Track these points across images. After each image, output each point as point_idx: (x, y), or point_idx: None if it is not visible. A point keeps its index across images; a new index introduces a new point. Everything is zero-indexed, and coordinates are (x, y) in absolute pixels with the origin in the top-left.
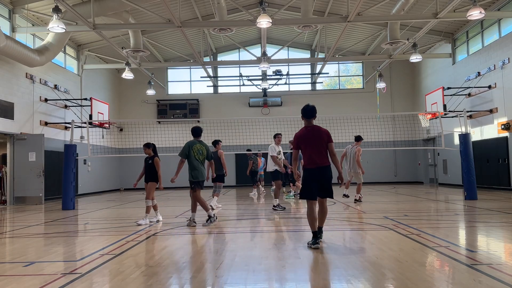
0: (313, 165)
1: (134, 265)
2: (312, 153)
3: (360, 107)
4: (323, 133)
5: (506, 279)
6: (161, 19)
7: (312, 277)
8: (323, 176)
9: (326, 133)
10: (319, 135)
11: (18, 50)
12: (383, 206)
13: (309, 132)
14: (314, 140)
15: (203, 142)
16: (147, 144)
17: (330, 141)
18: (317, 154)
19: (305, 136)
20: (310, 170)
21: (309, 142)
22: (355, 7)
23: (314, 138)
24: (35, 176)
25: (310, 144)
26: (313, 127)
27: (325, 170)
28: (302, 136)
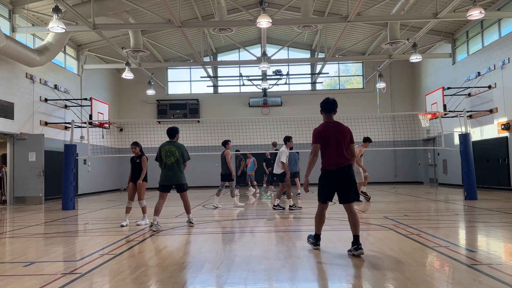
0: (333, 166)
1: (134, 265)
2: (332, 153)
3: (360, 107)
4: (345, 131)
5: (506, 279)
6: (161, 19)
7: (312, 277)
8: (345, 178)
9: (349, 131)
10: (341, 133)
11: (18, 50)
12: (383, 206)
13: (331, 128)
14: (335, 138)
15: (176, 143)
16: (136, 143)
17: (352, 142)
18: (338, 154)
19: (326, 132)
20: (330, 172)
21: (330, 139)
22: (355, 7)
23: (335, 136)
24: (35, 176)
25: (330, 142)
26: (335, 123)
27: (346, 171)
28: (322, 132)
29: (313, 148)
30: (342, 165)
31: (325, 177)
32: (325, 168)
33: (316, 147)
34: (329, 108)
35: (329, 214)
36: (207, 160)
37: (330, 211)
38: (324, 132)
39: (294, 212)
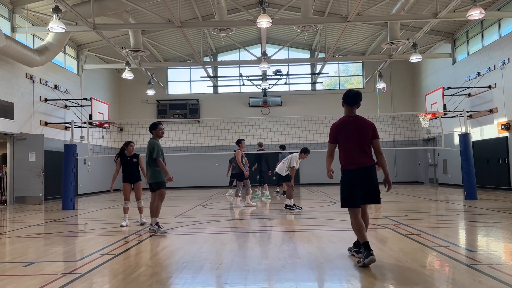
0: (354, 165)
1: (134, 265)
2: (353, 150)
3: (360, 107)
4: (368, 126)
5: (506, 279)
6: (161, 19)
7: (312, 277)
8: (367, 178)
9: (372, 126)
10: (363, 128)
11: (18, 50)
12: (383, 206)
13: (351, 123)
14: (356, 134)
15: (151, 140)
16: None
17: (377, 137)
18: (359, 152)
19: (346, 127)
20: (351, 172)
21: (351, 135)
22: (355, 7)
23: (357, 131)
24: (35, 176)
25: (351, 138)
26: (356, 118)
27: (369, 171)
28: (341, 127)
29: (328, 148)
30: (364, 164)
31: (346, 177)
32: (346, 167)
33: (332, 148)
34: (352, 100)
35: (329, 214)
36: (207, 160)
37: (330, 211)
38: (342, 127)
39: (294, 212)
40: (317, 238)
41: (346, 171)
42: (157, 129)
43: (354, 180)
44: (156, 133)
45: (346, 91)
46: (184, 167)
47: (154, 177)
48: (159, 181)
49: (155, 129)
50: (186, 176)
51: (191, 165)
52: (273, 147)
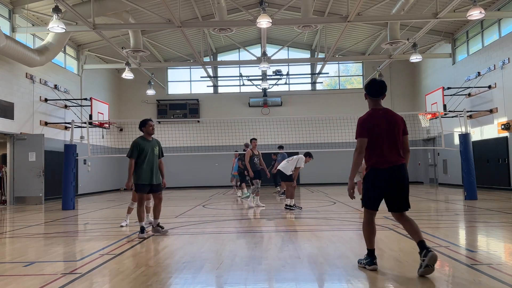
0: (385, 163)
1: (134, 265)
2: (383, 147)
3: (360, 107)
4: (399, 120)
5: (506, 279)
6: (161, 19)
7: (312, 277)
8: (399, 179)
9: (403, 120)
10: (394, 122)
11: (18, 50)
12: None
13: (381, 117)
14: (387, 129)
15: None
16: None
17: (406, 133)
18: (391, 149)
19: (375, 122)
20: (381, 172)
21: (381, 131)
22: (355, 7)
23: (387, 126)
24: (35, 176)
25: (382, 133)
26: (386, 111)
27: (401, 170)
28: (370, 121)
29: (359, 144)
30: (396, 163)
31: (374, 177)
32: (375, 166)
33: (363, 143)
34: (377, 91)
35: (329, 214)
36: (207, 160)
37: (330, 211)
38: (372, 122)
39: (294, 212)
40: (317, 238)
41: (375, 170)
42: (146, 125)
43: (384, 181)
44: (146, 130)
45: (369, 81)
46: (184, 167)
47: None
48: (134, 182)
49: (145, 125)
50: (186, 176)
51: (191, 165)
52: (273, 147)
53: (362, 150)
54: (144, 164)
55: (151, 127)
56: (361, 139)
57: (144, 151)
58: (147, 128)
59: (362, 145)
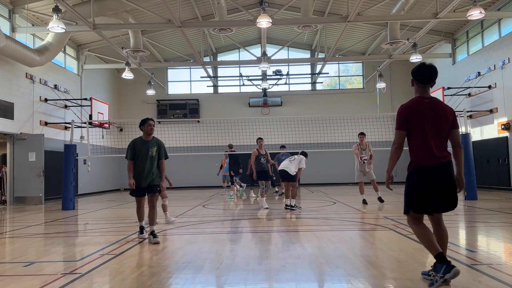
0: (430, 160)
1: (134, 265)
2: (429, 142)
3: (360, 107)
4: (447, 111)
5: (506, 279)
6: (161, 19)
7: (312, 277)
8: (447, 177)
9: (452, 112)
10: (442, 113)
11: (18, 50)
12: (383, 206)
13: (427, 106)
14: (433, 120)
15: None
16: None
17: (456, 126)
18: (437, 143)
19: (420, 111)
20: (426, 169)
21: (426, 122)
22: (355, 7)
23: (434, 117)
24: (35, 176)
25: (427, 126)
26: (434, 100)
27: (447, 168)
28: (413, 111)
29: (397, 136)
30: (443, 159)
31: (418, 176)
32: (419, 164)
33: (400, 136)
34: (426, 77)
35: (329, 214)
36: (207, 160)
37: (330, 211)
38: (415, 111)
39: (295, 212)
40: (317, 238)
41: (418, 168)
42: (145, 124)
43: (430, 180)
44: (145, 129)
45: (418, 66)
46: (184, 167)
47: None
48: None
49: (144, 125)
50: (186, 176)
51: (191, 165)
52: (273, 147)
53: (400, 144)
54: (136, 165)
55: (150, 126)
56: (400, 132)
57: (139, 153)
58: (146, 127)
59: (399, 138)
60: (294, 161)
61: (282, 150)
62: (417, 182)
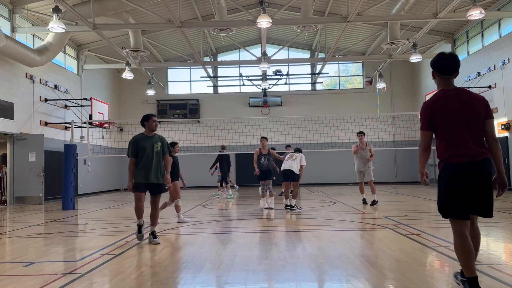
0: (463, 157)
1: (134, 265)
2: (460, 137)
3: (360, 107)
4: (478, 101)
5: (506, 279)
6: (161, 19)
7: (312, 277)
8: (482, 177)
9: (484, 101)
10: (472, 104)
11: (18, 50)
12: (383, 206)
13: (453, 99)
14: (463, 113)
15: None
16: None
17: (490, 116)
18: (469, 138)
19: (446, 106)
20: (459, 167)
21: (455, 116)
22: (355, 7)
23: (463, 110)
24: (35, 176)
25: (456, 120)
26: (460, 91)
27: (484, 166)
28: (439, 106)
29: (422, 138)
30: (478, 157)
31: (450, 175)
32: (449, 161)
33: (425, 137)
34: (448, 67)
35: (329, 214)
36: (207, 160)
37: (330, 211)
38: (440, 107)
39: (295, 212)
40: (317, 238)
41: (450, 166)
42: (150, 120)
43: (463, 179)
44: (149, 125)
45: (438, 56)
46: (184, 167)
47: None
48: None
49: (148, 120)
50: (186, 176)
51: (191, 165)
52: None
53: (427, 146)
54: (141, 161)
55: (155, 122)
56: (425, 133)
57: (143, 148)
58: (150, 123)
59: (426, 140)
60: (296, 159)
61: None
62: (448, 180)
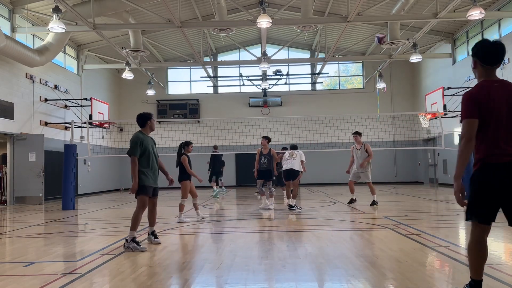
0: (503, 156)
1: (134, 265)
2: (502, 133)
3: (360, 107)
4: None
5: (506, 279)
6: (161, 19)
7: (312, 277)
8: None
9: None
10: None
11: (18, 50)
12: (383, 206)
13: (499, 90)
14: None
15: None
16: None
17: None
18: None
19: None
20: (496, 168)
21: (498, 109)
22: (355, 7)
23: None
24: (35, 176)
25: (498, 113)
26: (504, 83)
27: None
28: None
29: (466, 127)
30: None
31: (486, 175)
32: (487, 161)
33: (471, 125)
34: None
35: (329, 214)
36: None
37: (330, 211)
38: (485, 98)
39: (295, 212)
40: (317, 238)
41: (486, 166)
42: (152, 119)
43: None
44: (152, 125)
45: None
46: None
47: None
48: (140, 184)
49: (150, 119)
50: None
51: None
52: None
53: (472, 135)
54: (149, 162)
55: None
56: (469, 121)
57: (147, 148)
58: (153, 123)
59: (470, 129)
60: (297, 157)
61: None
62: (482, 183)
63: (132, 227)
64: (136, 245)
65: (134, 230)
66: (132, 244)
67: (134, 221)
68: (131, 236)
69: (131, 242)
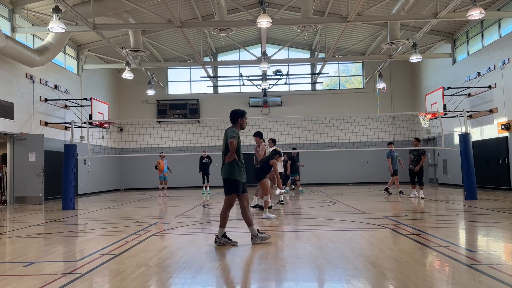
0: None
1: (134, 265)
2: None
3: (360, 107)
4: None
5: (506, 279)
6: (161, 19)
7: (312, 277)
8: None
9: None
10: None
11: (18, 50)
12: (383, 206)
13: None
14: None
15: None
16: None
17: None
18: None
19: None
20: None
21: None
22: (355, 7)
23: None
24: (35, 176)
25: None
26: None
27: None
28: None
29: None
30: None
31: None
32: None
33: None
34: None
35: (329, 214)
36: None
37: (330, 211)
38: None
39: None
40: (317, 238)
41: None
42: (245, 118)
43: None
44: (243, 124)
45: None
46: (184, 167)
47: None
48: (231, 178)
49: (242, 117)
50: (186, 176)
51: (191, 165)
52: None
53: None
54: (241, 158)
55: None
56: None
57: (240, 144)
58: (245, 121)
59: None
60: None
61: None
62: None
63: (221, 224)
64: (227, 239)
65: (223, 227)
66: (223, 239)
67: (223, 219)
68: (221, 233)
69: (222, 237)
